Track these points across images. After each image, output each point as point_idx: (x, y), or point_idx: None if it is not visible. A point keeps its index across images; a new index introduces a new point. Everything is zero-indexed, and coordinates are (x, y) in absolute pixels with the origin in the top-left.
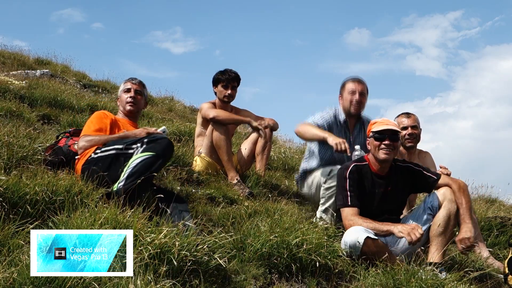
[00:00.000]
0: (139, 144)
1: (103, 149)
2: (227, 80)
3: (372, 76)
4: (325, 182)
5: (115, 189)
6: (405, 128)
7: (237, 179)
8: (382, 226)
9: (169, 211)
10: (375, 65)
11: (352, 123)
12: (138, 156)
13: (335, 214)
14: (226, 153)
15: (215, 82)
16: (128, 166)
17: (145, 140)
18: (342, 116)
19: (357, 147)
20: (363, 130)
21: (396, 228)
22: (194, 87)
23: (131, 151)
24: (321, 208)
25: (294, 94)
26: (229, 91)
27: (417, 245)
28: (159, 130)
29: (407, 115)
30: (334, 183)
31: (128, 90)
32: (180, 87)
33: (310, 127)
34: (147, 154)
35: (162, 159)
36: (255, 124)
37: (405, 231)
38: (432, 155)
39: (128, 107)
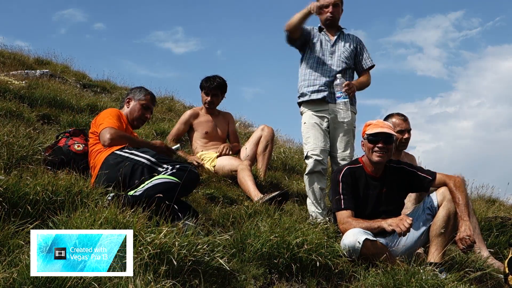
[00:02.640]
0: (170, 167)
1: (133, 151)
2: (208, 88)
3: (372, 76)
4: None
5: (130, 195)
6: (402, 131)
7: (260, 197)
8: (373, 224)
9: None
10: (376, 65)
11: (332, 34)
12: (163, 177)
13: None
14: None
15: (200, 87)
16: (151, 181)
17: (177, 166)
18: (318, 30)
19: (338, 75)
20: (342, 37)
21: (385, 223)
22: (196, 87)
23: (160, 169)
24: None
25: (294, 94)
26: (209, 99)
27: (417, 245)
28: (173, 148)
29: (404, 118)
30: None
31: (147, 108)
32: (182, 87)
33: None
34: (172, 178)
35: (183, 190)
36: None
37: (394, 224)
38: (433, 156)
39: (139, 124)
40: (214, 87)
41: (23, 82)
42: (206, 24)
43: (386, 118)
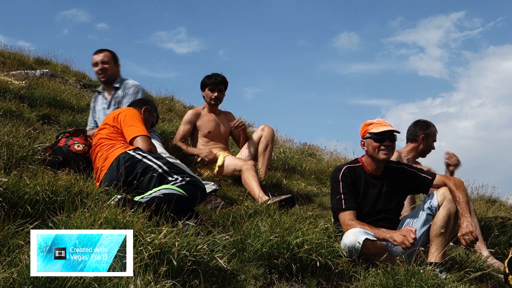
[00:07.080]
0: (180, 178)
1: (147, 155)
2: (213, 83)
3: (374, 77)
4: None
5: (136, 200)
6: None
7: (265, 200)
8: (379, 233)
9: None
10: (377, 65)
11: (110, 91)
12: (172, 187)
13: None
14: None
15: (202, 86)
16: (159, 189)
17: (187, 178)
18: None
19: None
20: (119, 91)
21: (391, 237)
22: (196, 87)
23: (170, 178)
24: None
25: (295, 94)
26: (216, 94)
27: (417, 245)
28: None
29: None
30: None
31: (150, 127)
32: (182, 87)
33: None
34: (180, 191)
35: (188, 204)
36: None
37: (399, 240)
38: (434, 156)
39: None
40: (219, 82)
41: (23, 82)
42: (209, 24)
43: (428, 125)
